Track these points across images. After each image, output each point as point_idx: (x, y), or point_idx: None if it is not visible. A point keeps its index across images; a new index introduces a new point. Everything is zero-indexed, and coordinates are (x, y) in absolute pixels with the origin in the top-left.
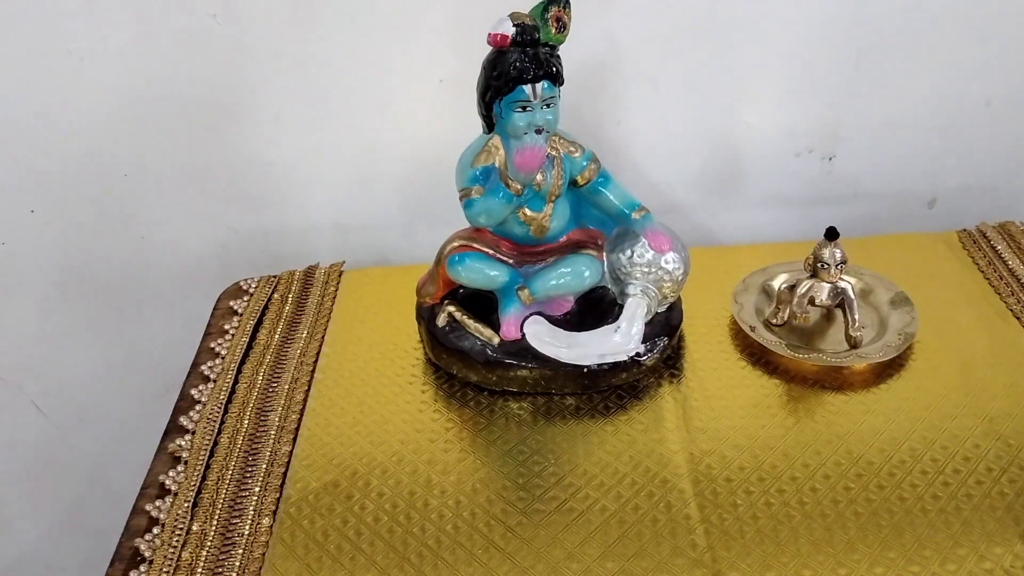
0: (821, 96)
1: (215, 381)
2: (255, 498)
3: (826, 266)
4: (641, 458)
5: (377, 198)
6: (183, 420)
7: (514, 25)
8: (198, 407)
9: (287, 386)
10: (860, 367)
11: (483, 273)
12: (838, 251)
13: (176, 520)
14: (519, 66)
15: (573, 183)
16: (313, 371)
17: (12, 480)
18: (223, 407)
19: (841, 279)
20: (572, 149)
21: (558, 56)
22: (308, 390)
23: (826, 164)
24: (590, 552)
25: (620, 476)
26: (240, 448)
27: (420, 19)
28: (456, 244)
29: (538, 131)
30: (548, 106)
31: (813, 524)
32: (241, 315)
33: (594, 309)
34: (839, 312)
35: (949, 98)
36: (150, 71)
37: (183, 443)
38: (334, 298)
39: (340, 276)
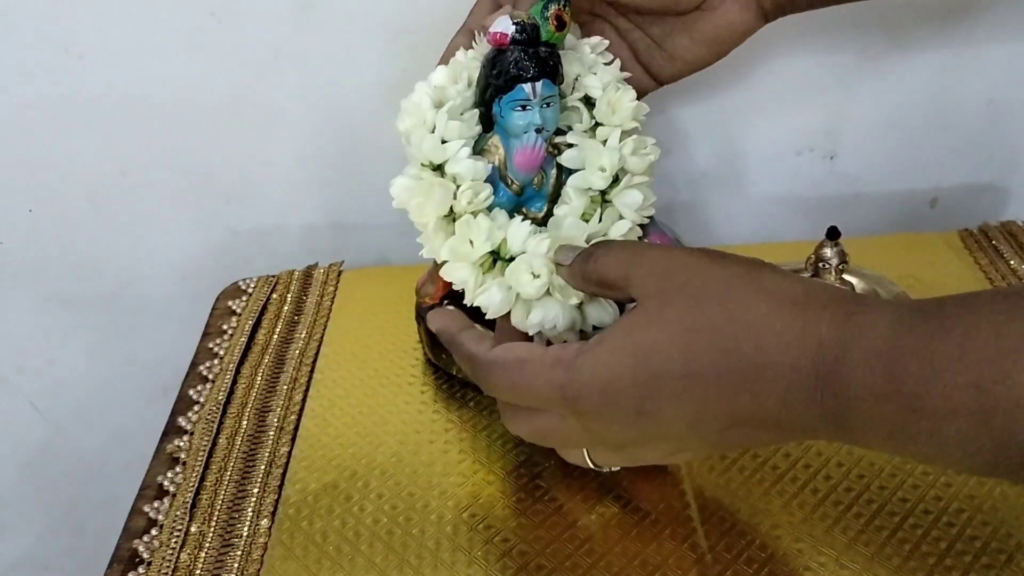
0: (822, 94)
1: (213, 382)
2: (254, 499)
3: (827, 266)
4: None
5: (376, 198)
6: (181, 421)
7: (514, 23)
8: (196, 408)
9: (286, 386)
10: None
11: None
12: (839, 251)
13: (174, 521)
14: (518, 65)
15: None
16: (312, 371)
17: (10, 481)
18: (221, 408)
19: (842, 279)
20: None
21: (558, 55)
22: (307, 390)
23: (827, 163)
24: (591, 554)
25: (620, 477)
26: (239, 449)
27: (419, 18)
28: None
29: (538, 130)
30: (548, 105)
31: (814, 526)
32: (239, 315)
33: None
34: None
35: (951, 96)
36: (148, 69)
37: (181, 444)
38: (333, 298)
39: (339, 276)
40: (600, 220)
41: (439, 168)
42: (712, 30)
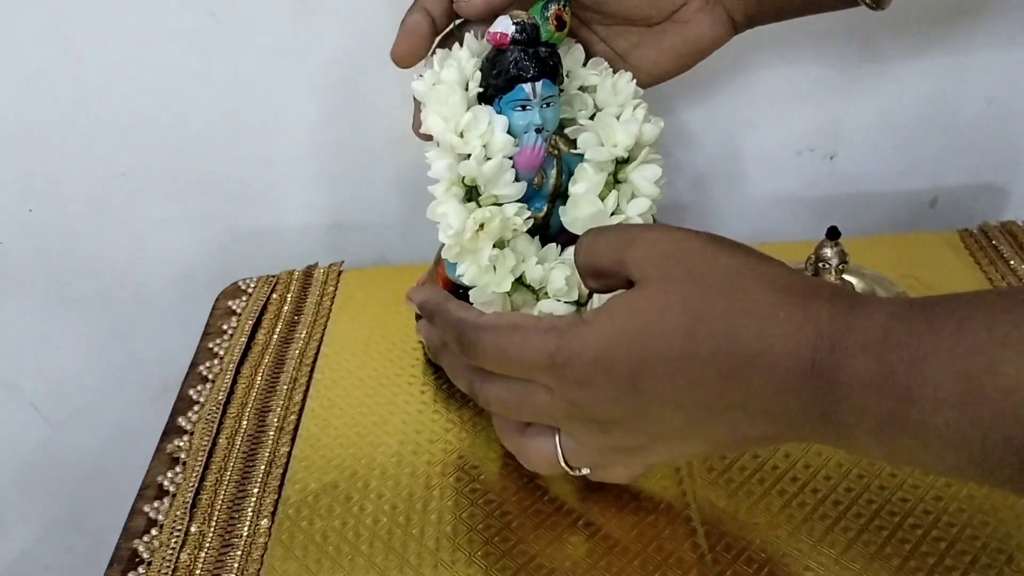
0: (822, 94)
1: (213, 382)
2: (254, 499)
3: (827, 266)
4: None
5: (376, 197)
6: (181, 421)
7: (514, 23)
8: (196, 408)
9: (286, 387)
10: None
11: None
12: (839, 251)
13: (174, 521)
14: (518, 65)
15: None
16: (312, 371)
17: (10, 481)
18: (221, 408)
19: (842, 279)
20: (574, 148)
21: (558, 55)
22: (307, 391)
23: (827, 163)
24: (591, 554)
25: None
26: (239, 449)
27: None
28: None
29: (538, 130)
30: (548, 105)
31: (814, 526)
32: (239, 315)
33: None
34: None
35: (951, 96)
36: (148, 69)
37: (181, 444)
38: (333, 298)
39: (339, 276)
40: (616, 200)
41: (473, 185)
42: (681, 43)
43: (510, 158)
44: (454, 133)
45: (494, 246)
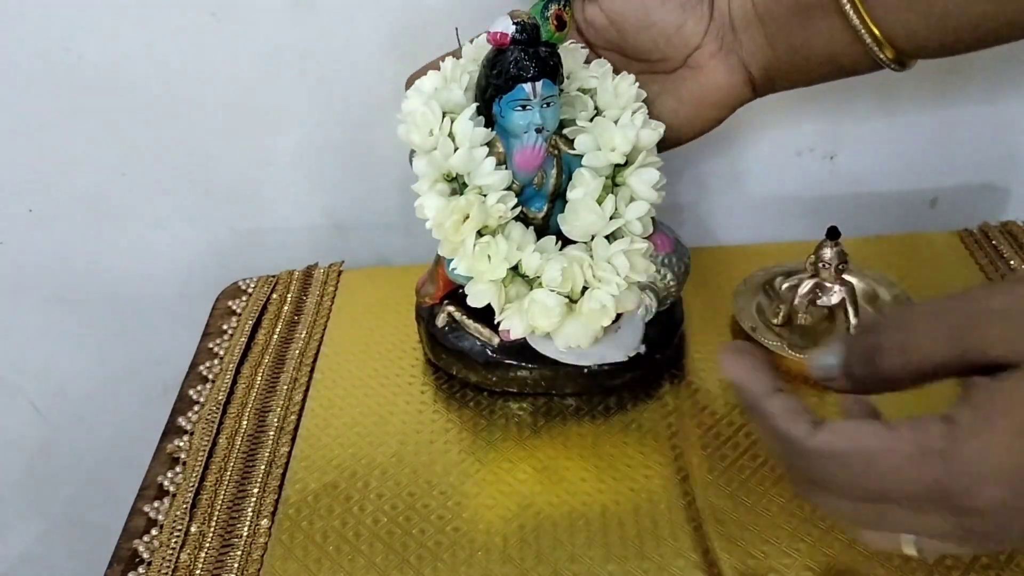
0: (822, 94)
1: (213, 382)
2: (254, 499)
3: (827, 266)
4: (641, 459)
5: (376, 198)
6: (181, 421)
7: (514, 23)
8: (196, 408)
9: (286, 387)
10: None
11: None
12: (839, 251)
13: (174, 521)
14: (519, 65)
15: None
16: (312, 371)
17: (10, 481)
18: (221, 408)
19: (842, 279)
20: (573, 148)
21: (558, 55)
22: (307, 391)
23: (827, 163)
24: (591, 554)
25: (620, 477)
26: (239, 449)
27: (420, 17)
28: None
29: (538, 130)
30: (548, 105)
31: (815, 525)
32: (239, 315)
33: None
34: (840, 312)
35: (951, 95)
36: (148, 69)
37: (181, 444)
38: (333, 298)
39: (339, 276)
40: (614, 205)
41: (457, 178)
42: (699, 91)
43: (490, 147)
44: (419, 132)
45: (482, 236)
